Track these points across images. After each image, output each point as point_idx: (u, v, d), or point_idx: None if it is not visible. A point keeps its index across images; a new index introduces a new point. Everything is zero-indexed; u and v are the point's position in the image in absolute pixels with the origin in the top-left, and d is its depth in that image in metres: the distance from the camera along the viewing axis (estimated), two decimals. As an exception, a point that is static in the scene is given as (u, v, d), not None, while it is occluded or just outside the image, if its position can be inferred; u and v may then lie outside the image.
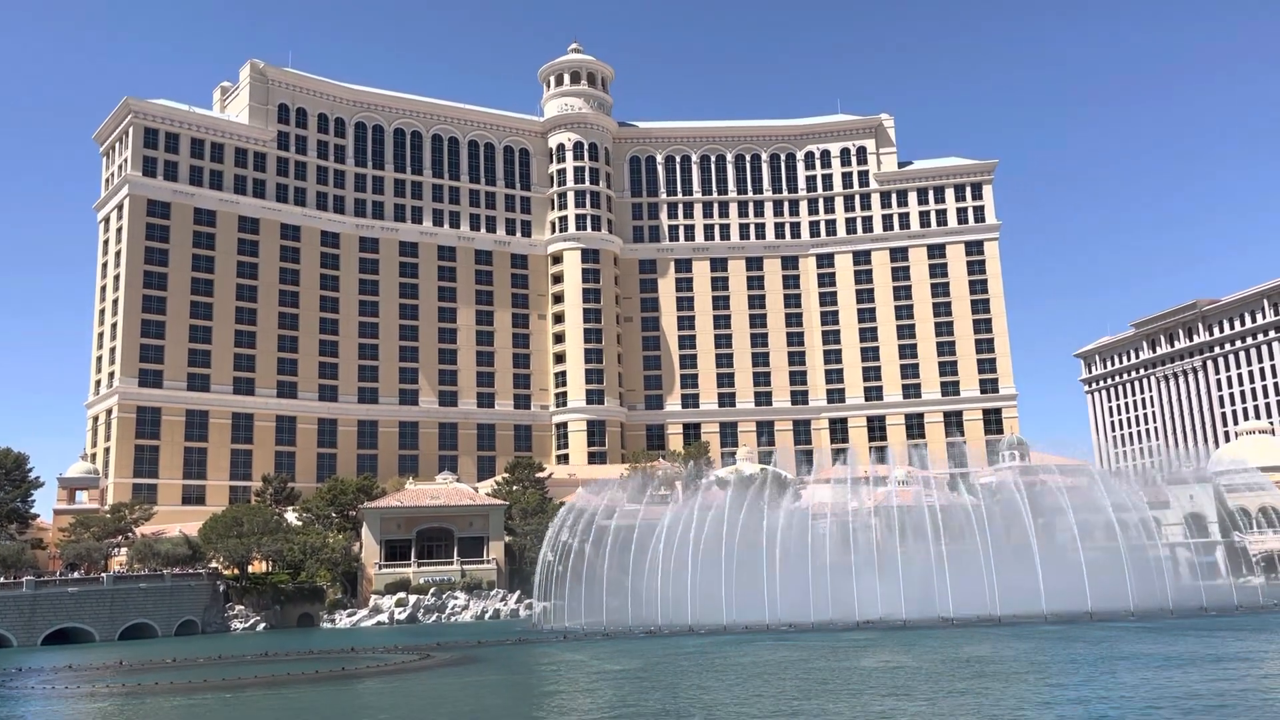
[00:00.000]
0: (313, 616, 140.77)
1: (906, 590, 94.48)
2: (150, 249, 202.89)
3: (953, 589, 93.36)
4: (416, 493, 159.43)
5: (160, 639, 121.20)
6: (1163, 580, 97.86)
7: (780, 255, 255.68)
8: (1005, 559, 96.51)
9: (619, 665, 70.27)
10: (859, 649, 72.88)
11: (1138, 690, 47.91)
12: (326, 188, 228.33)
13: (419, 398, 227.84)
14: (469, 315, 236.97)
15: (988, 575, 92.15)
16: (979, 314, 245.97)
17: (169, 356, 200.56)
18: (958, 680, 53.78)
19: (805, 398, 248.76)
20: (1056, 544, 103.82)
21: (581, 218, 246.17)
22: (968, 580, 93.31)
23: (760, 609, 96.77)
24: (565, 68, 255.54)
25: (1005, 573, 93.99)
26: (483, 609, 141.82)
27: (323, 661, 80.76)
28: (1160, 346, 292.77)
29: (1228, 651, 62.31)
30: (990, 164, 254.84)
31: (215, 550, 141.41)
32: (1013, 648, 69.26)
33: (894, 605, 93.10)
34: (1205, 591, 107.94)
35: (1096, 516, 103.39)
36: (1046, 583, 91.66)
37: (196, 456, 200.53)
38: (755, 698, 50.49)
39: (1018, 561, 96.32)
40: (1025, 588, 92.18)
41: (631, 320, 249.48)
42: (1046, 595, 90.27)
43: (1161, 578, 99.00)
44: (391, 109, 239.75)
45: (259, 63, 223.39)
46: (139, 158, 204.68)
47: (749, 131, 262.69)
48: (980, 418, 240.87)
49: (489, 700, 57.75)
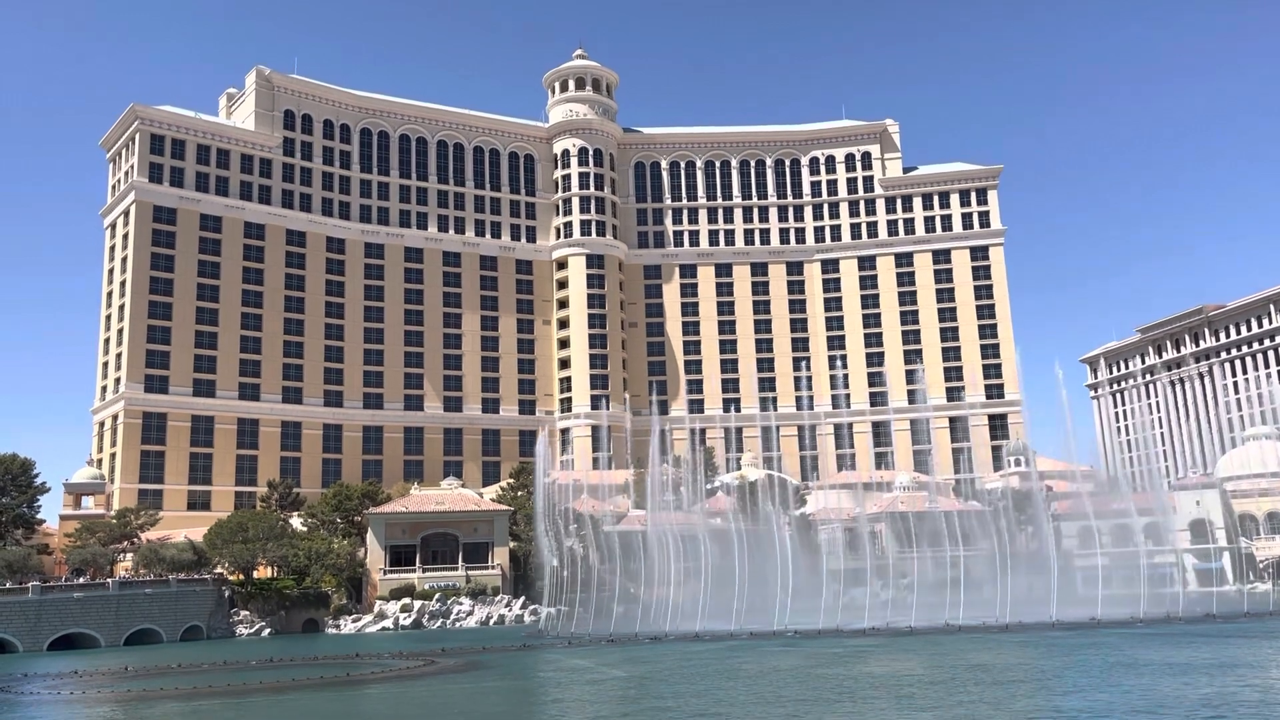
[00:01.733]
0: (318, 622, 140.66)
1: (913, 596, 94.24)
2: (156, 255, 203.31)
3: (960, 596, 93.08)
4: (421, 498, 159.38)
5: (165, 644, 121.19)
6: (1171, 586, 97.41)
7: (785, 261, 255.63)
8: (1013, 565, 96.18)
9: (624, 672, 70.08)
10: (865, 655, 72.62)
11: (1146, 696, 47.62)
12: (332, 194, 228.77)
13: (424, 403, 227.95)
14: (474, 321, 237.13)
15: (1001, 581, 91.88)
16: (984, 319, 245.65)
17: (175, 362, 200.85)
18: (967, 687, 53.52)
19: (810, 403, 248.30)
20: (1063, 550, 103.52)
21: (586, 223, 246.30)
22: (974, 587, 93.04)
23: (767, 615, 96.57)
24: (570, 73, 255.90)
25: (1013, 579, 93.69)
26: (488, 615, 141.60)
27: (327, 667, 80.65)
28: (1166, 352, 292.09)
29: (1236, 658, 61.96)
30: (995, 169, 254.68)
31: (220, 556, 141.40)
32: (1019, 654, 68.96)
33: (902, 611, 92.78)
34: (1214, 597, 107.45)
35: (1104, 523, 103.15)
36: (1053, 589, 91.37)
37: (202, 462, 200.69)
38: (760, 704, 50.29)
39: (1024, 568, 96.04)
40: (1033, 594, 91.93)
41: (636, 326, 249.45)
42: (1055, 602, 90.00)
43: (1170, 584, 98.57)
44: (396, 115, 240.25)
45: (265, 69, 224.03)
46: (145, 164, 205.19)
47: (754, 137, 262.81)
48: (985, 423, 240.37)
49: (493, 706, 57.59)
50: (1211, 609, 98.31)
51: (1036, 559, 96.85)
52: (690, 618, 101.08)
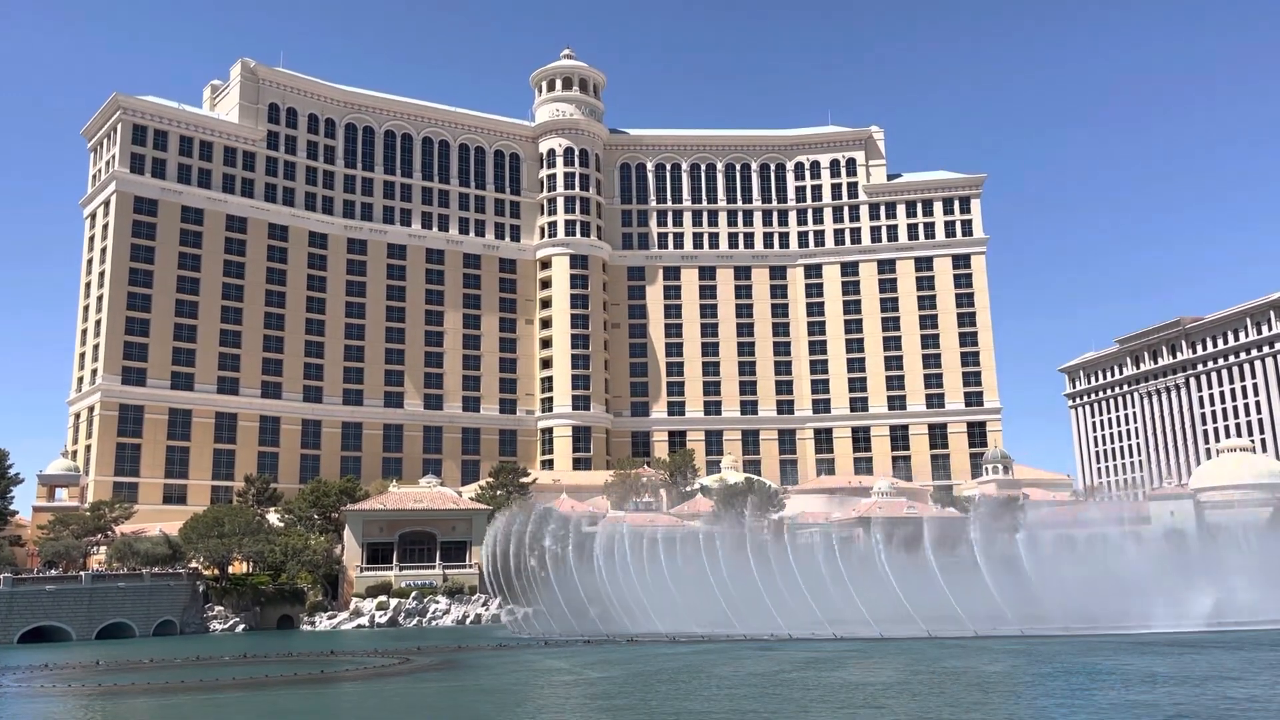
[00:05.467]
0: (293, 619, 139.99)
1: (889, 603, 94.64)
2: (136, 246, 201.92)
3: (935, 602, 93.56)
4: (400, 496, 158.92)
5: (138, 639, 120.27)
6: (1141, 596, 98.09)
7: (768, 265, 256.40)
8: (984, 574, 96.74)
9: (600, 673, 70.11)
10: (839, 661, 72.89)
11: (1113, 708, 48.07)
12: (315, 188, 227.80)
13: (404, 400, 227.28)
14: (456, 319, 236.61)
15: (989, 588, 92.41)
16: (965, 327, 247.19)
17: (153, 354, 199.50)
18: (940, 693, 53.87)
19: (791, 407, 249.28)
20: (1037, 558, 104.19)
21: (571, 223, 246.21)
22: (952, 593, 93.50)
23: (743, 619, 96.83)
24: (557, 73, 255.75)
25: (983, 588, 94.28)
26: (464, 614, 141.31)
27: (302, 664, 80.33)
28: (1144, 363, 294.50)
29: (1197, 671, 62.54)
30: (979, 178, 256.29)
31: (195, 550, 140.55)
32: (991, 662, 69.40)
33: (876, 617, 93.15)
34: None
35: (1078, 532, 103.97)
36: (1028, 598, 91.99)
37: (178, 455, 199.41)
38: (733, 710, 50.46)
39: (997, 576, 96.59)
40: (1004, 603, 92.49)
41: (619, 327, 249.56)
42: (1026, 611, 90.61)
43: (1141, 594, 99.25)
44: (382, 111, 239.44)
45: (250, 61, 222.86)
46: (127, 154, 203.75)
47: (739, 141, 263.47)
48: (965, 431, 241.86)
49: (467, 705, 57.50)
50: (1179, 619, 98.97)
51: (1013, 567, 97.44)
52: (667, 620, 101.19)
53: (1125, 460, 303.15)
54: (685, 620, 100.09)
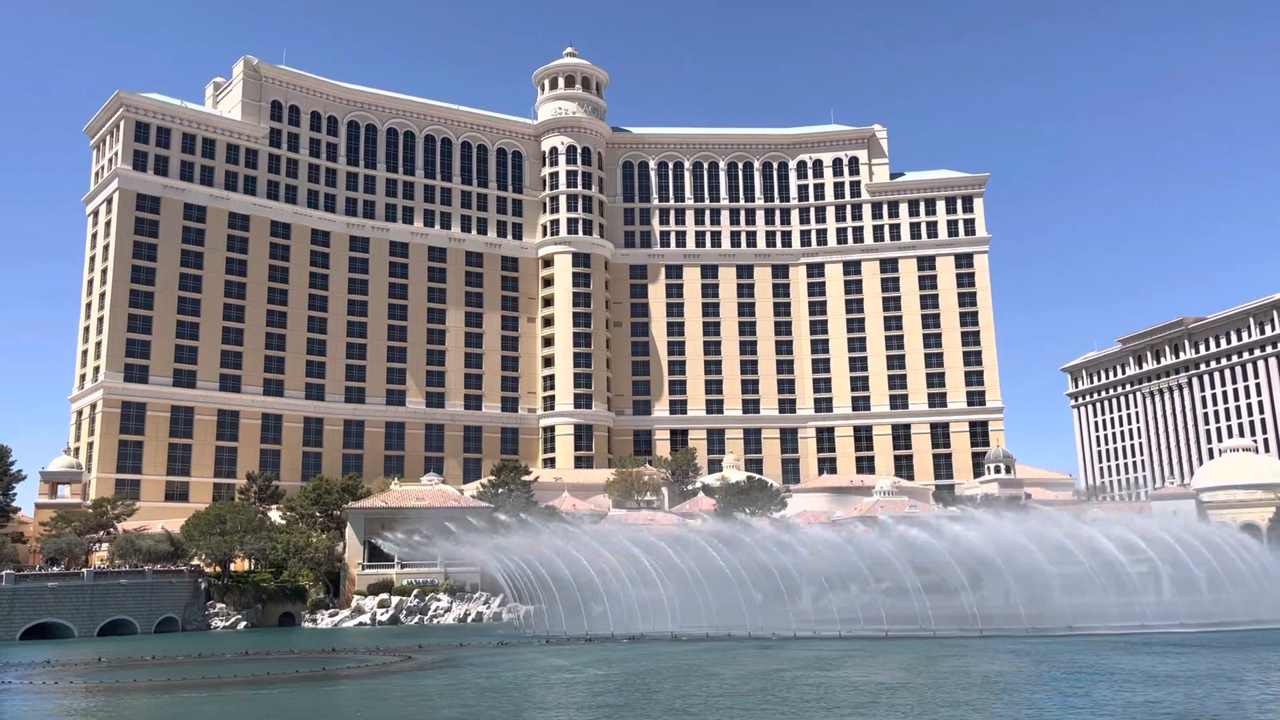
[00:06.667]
0: (294, 616, 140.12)
1: (889, 602, 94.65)
2: (139, 243, 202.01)
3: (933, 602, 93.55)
4: (401, 494, 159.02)
5: (140, 636, 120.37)
6: (1143, 596, 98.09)
7: (771, 264, 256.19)
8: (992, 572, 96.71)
9: (600, 671, 70.10)
10: (841, 660, 72.88)
11: (1113, 707, 48.01)
12: (318, 186, 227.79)
13: (406, 398, 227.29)
14: (458, 317, 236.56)
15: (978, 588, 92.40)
16: (967, 326, 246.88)
17: (155, 352, 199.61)
18: (939, 693, 53.84)
19: (793, 406, 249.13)
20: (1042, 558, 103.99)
21: (573, 221, 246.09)
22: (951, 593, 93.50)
23: (746, 618, 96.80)
24: (560, 71, 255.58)
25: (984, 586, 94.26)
26: (465, 612, 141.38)
27: (303, 662, 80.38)
28: (1146, 363, 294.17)
29: (1200, 669, 62.47)
30: (981, 177, 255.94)
31: (197, 547, 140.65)
32: (991, 661, 69.37)
33: (876, 616, 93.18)
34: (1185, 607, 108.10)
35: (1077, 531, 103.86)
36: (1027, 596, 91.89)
37: (180, 453, 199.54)
38: (733, 708, 50.45)
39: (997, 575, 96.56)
40: (1009, 601, 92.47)
41: (621, 325, 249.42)
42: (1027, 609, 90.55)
43: (1143, 593, 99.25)
44: (385, 108, 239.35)
45: (253, 59, 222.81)
46: (129, 151, 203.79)
47: (742, 139, 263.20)
48: (967, 430, 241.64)
49: (468, 703, 57.51)
50: (1182, 619, 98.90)
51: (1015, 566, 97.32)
52: (668, 619, 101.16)
53: (1127, 460, 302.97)
54: (690, 620, 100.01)
